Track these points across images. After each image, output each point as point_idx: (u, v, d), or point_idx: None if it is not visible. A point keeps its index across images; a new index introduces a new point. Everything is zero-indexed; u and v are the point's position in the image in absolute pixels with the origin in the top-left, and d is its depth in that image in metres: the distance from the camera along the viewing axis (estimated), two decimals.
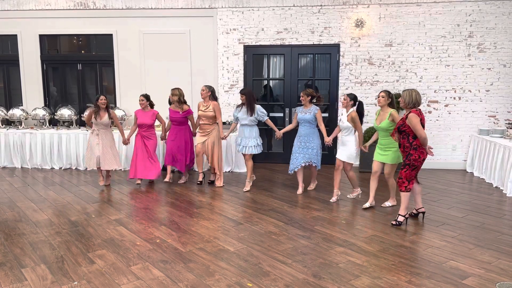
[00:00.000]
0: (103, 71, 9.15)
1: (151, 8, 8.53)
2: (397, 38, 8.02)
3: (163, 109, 7.59)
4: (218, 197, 6.18)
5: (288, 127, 6.55)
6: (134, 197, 6.18)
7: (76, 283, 3.54)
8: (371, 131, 7.85)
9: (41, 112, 8.47)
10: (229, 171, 7.90)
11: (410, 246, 4.35)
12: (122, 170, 7.91)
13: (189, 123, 6.98)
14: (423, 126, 4.77)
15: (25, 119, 8.55)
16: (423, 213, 5.23)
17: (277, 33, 8.31)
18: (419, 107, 4.82)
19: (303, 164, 6.27)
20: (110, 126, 6.68)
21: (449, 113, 8.11)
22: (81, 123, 8.79)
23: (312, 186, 6.66)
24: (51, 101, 9.24)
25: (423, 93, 8.09)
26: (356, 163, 8.27)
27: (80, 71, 9.16)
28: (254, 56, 8.52)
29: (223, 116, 8.29)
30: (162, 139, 6.98)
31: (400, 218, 5.01)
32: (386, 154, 5.44)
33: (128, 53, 8.78)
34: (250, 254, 4.14)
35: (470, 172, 7.91)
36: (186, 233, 4.71)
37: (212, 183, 6.96)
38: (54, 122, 8.73)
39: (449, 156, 8.22)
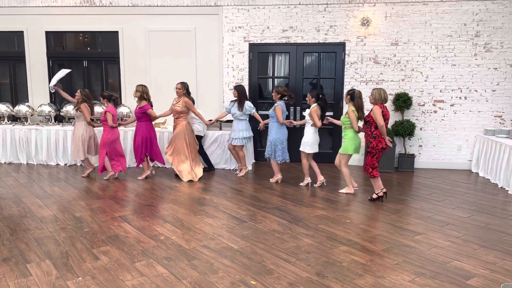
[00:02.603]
0: (109, 68, 9.18)
1: (157, 6, 8.54)
2: (403, 37, 7.99)
3: (166, 105, 7.56)
4: (222, 195, 6.19)
5: (268, 120, 6.99)
6: (139, 194, 6.20)
7: (80, 278, 3.56)
8: None
9: (47, 109, 8.51)
10: (233, 170, 7.90)
11: (414, 246, 4.34)
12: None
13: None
14: (386, 120, 5.69)
15: (31, 115, 8.59)
16: (385, 193, 5.97)
17: (282, 31, 8.29)
18: (385, 103, 5.76)
19: (266, 156, 6.92)
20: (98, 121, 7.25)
21: (455, 112, 8.07)
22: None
23: (273, 179, 6.99)
24: (57, 98, 9.28)
25: (428, 92, 8.06)
26: (358, 164, 8.27)
27: (85, 68, 9.20)
28: (259, 54, 8.51)
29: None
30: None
31: (374, 195, 5.97)
32: (342, 144, 6.27)
33: (134, 51, 8.80)
34: (253, 252, 4.15)
35: (475, 172, 7.87)
36: (190, 230, 4.72)
37: (176, 176, 7.19)
38: (59, 119, 8.77)
39: (454, 156, 8.19)
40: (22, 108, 8.55)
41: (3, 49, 9.30)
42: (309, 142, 6.44)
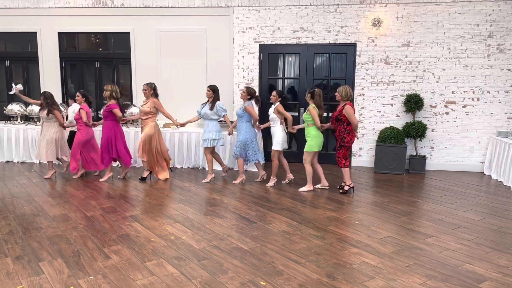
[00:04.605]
0: (120, 68, 9.25)
1: (168, 7, 8.59)
2: (414, 37, 7.93)
3: (176, 106, 7.63)
4: (231, 196, 6.20)
5: (234, 123, 7.12)
6: (149, 194, 6.24)
7: (92, 277, 3.59)
8: (386, 132, 7.78)
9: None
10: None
11: (425, 248, 4.30)
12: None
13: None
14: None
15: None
16: (352, 187, 6.40)
17: (293, 32, 8.28)
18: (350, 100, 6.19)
19: (234, 155, 6.89)
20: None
21: (467, 114, 7.99)
22: (98, 119, 8.88)
23: (237, 180, 6.95)
24: (69, 98, 9.37)
25: (440, 93, 7.99)
26: (368, 165, 8.24)
27: (97, 69, 9.28)
28: (270, 55, 8.51)
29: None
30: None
31: (346, 187, 6.32)
32: (307, 143, 6.38)
33: (145, 51, 8.86)
34: (263, 252, 4.15)
35: (488, 175, 7.78)
36: (200, 230, 4.74)
37: (143, 179, 7.03)
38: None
39: (466, 158, 8.10)
40: (35, 108, 8.65)
41: (17, 50, 9.42)
42: (280, 140, 6.59)
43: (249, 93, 6.72)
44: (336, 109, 6.35)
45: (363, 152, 8.40)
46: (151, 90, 6.85)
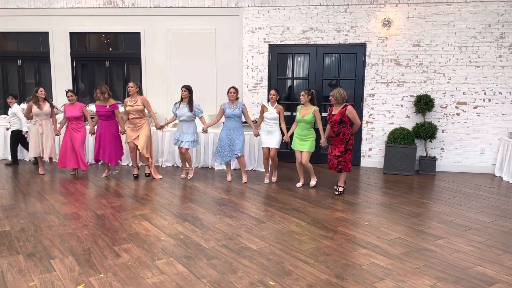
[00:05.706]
0: (130, 68, 9.31)
1: (178, 7, 8.63)
2: (425, 38, 7.88)
3: None
4: (240, 195, 6.21)
5: (212, 122, 7.07)
6: (159, 193, 6.27)
7: (102, 275, 3.62)
8: (396, 132, 7.74)
9: None
10: (251, 170, 7.92)
11: (435, 250, 4.28)
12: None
13: (117, 119, 7.17)
14: None
15: (55, 114, 8.76)
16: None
17: (302, 32, 8.27)
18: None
19: (238, 155, 6.82)
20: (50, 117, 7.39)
21: (478, 115, 7.92)
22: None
23: (244, 179, 6.98)
24: (80, 97, 9.45)
25: (451, 94, 7.93)
26: (377, 166, 8.21)
27: (108, 68, 9.35)
28: (279, 55, 8.51)
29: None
30: (91, 133, 7.19)
31: (341, 189, 6.32)
32: (305, 144, 6.45)
33: (155, 51, 8.91)
34: (272, 252, 4.15)
35: (499, 176, 7.70)
36: (209, 229, 4.76)
37: (148, 175, 7.18)
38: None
39: (477, 160, 8.03)
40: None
41: (29, 49, 9.53)
42: (280, 139, 6.80)
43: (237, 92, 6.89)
44: (330, 112, 6.15)
45: (372, 152, 8.37)
46: (137, 88, 6.93)
